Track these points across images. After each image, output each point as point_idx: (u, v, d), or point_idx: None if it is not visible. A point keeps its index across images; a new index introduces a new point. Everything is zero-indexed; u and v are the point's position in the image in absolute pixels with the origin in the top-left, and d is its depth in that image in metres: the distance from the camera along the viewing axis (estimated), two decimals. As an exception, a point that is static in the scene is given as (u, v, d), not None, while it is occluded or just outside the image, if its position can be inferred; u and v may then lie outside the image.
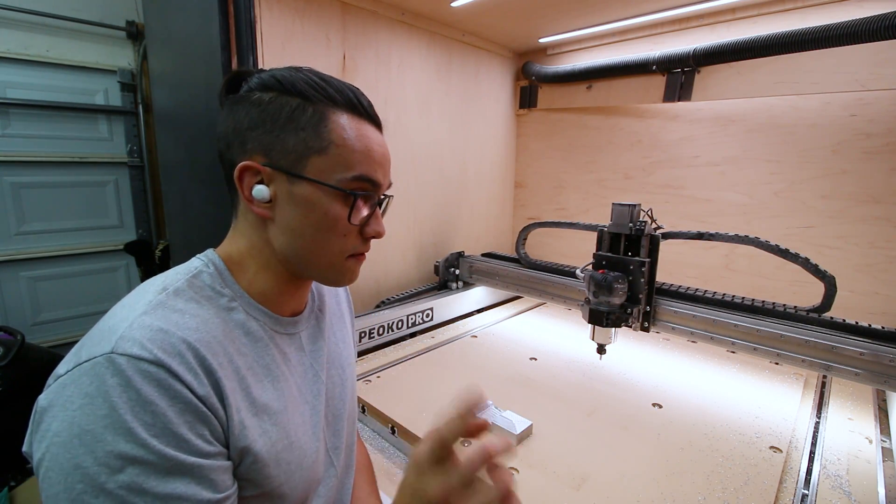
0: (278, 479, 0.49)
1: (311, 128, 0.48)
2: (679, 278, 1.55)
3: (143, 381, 0.38)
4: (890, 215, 1.26)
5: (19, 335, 1.23)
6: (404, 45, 1.55)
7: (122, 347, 0.39)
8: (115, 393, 0.38)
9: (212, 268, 0.51)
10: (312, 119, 0.48)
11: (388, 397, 1.06)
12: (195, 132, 1.36)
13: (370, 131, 0.51)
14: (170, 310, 0.44)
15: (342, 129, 0.49)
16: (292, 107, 0.48)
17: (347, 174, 0.49)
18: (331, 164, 0.49)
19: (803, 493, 0.79)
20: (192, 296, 0.47)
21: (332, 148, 0.48)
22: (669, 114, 1.62)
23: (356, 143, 0.49)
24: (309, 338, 0.60)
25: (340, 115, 0.49)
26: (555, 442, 0.91)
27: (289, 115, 0.48)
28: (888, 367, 0.91)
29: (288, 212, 0.50)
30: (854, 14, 1.09)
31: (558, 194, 2.01)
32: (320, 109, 0.48)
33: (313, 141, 0.48)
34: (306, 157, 0.48)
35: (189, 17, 1.25)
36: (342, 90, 0.50)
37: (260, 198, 0.49)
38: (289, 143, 0.48)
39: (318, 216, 0.49)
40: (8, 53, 1.96)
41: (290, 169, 0.49)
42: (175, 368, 0.40)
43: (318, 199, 0.49)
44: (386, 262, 1.64)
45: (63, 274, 2.23)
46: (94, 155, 2.25)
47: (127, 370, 0.38)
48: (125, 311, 0.44)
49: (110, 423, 0.37)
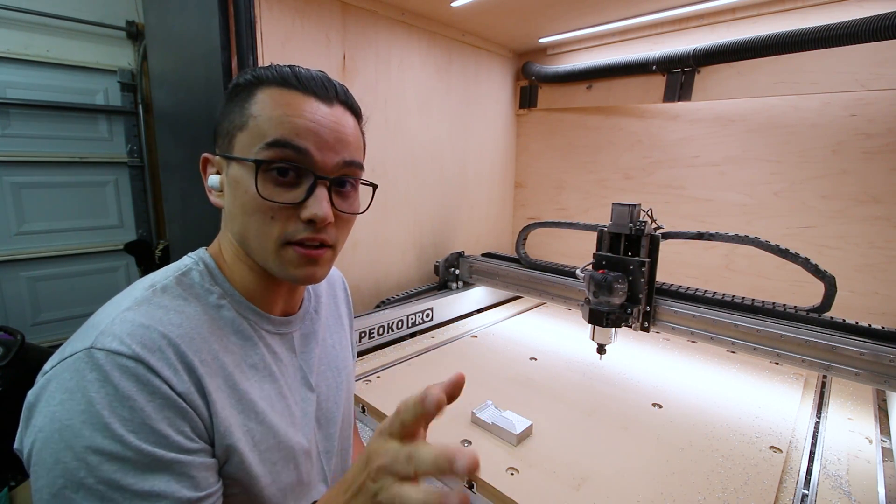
0: (264, 480, 0.49)
1: (238, 108, 0.48)
2: (679, 278, 1.55)
3: (121, 377, 0.38)
4: (890, 215, 1.26)
5: (19, 335, 1.23)
6: (404, 45, 1.55)
7: (101, 342, 0.39)
8: (94, 388, 0.37)
9: (202, 265, 0.51)
10: (240, 99, 0.48)
11: (388, 397, 1.06)
12: (195, 132, 1.36)
13: (299, 99, 0.47)
14: (154, 306, 0.44)
15: (263, 101, 0.47)
16: (233, 94, 0.49)
17: (262, 143, 0.45)
18: (250, 138, 0.46)
19: (803, 493, 0.79)
20: (179, 293, 0.47)
21: (251, 121, 0.46)
22: (669, 114, 1.62)
23: (272, 110, 0.46)
24: (302, 339, 0.59)
25: (268, 89, 0.47)
26: (555, 442, 0.91)
27: (228, 102, 0.49)
28: (888, 367, 0.91)
29: (227, 196, 0.49)
30: (854, 14, 1.09)
31: (558, 194, 2.01)
32: (250, 88, 0.48)
33: (238, 119, 0.48)
34: (234, 137, 0.48)
35: (189, 17, 1.25)
36: (280, 69, 0.48)
37: (213, 186, 0.50)
38: (223, 128, 0.49)
39: (241, 194, 0.47)
40: (8, 53, 1.96)
41: (224, 151, 0.49)
42: (154, 364, 0.40)
43: (240, 177, 0.47)
44: (386, 262, 1.64)
45: (63, 274, 2.23)
46: (94, 155, 2.25)
47: (105, 365, 0.38)
48: (111, 307, 0.44)
49: (88, 419, 0.37)
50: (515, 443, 0.89)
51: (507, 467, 0.82)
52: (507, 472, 0.81)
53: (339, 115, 0.49)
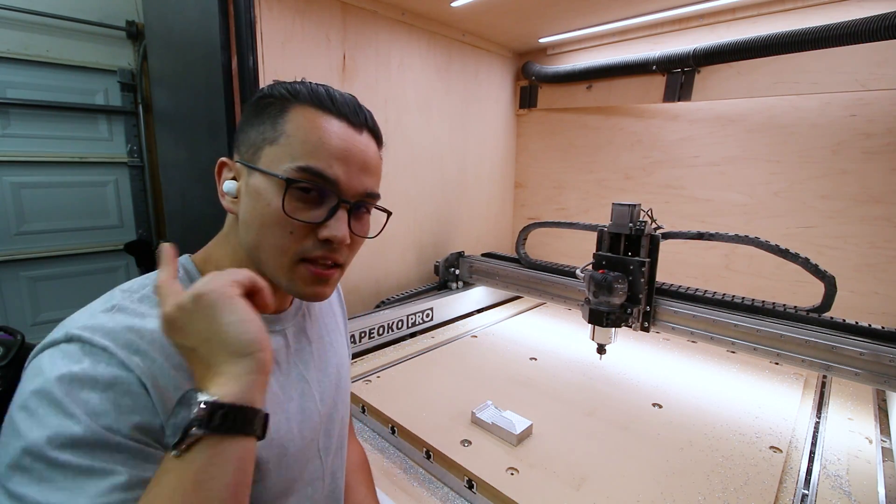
0: (264, 479, 0.49)
1: (269, 121, 0.48)
2: (679, 278, 1.55)
3: (84, 362, 0.39)
4: (890, 215, 1.26)
5: (19, 335, 1.23)
6: (404, 45, 1.55)
7: (71, 334, 0.41)
8: (56, 371, 0.38)
9: (182, 273, 0.50)
10: (273, 112, 0.48)
11: (387, 397, 1.06)
12: (195, 132, 1.36)
13: (333, 125, 0.48)
14: (131, 314, 0.44)
15: (297, 120, 0.47)
16: (263, 105, 0.49)
17: (293, 164, 0.46)
18: (279, 154, 0.47)
19: (803, 493, 0.79)
20: (157, 301, 0.44)
21: (283, 138, 0.47)
22: (669, 114, 1.62)
23: (308, 133, 0.47)
24: (295, 336, 0.59)
25: (301, 108, 0.48)
26: (555, 442, 0.91)
27: (257, 112, 0.50)
28: (888, 367, 0.91)
29: (244, 204, 0.49)
30: (854, 14, 1.09)
31: (558, 194, 2.01)
32: (284, 104, 0.48)
33: (269, 132, 0.48)
34: (261, 149, 0.48)
35: (189, 17, 1.25)
36: (315, 89, 0.49)
37: (228, 191, 0.51)
38: (251, 137, 0.50)
39: (262, 207, 0.47)
40: (8, 53, 1.96)
41: (247, 161, 0.49)
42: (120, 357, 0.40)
43: (264, 189, 0.47)
44: (386, 262, 1.64)
45: (63, 274, 2.23)
46: (94, 155, 2.25)
47: (72, 352, 0.40)
48: (88, 311, 0.45)
49: (44, 398, 0.37)
50: (515, 443, 0.89)
51: (507, 467, 0.82)
52: (507, 472, 0.81)
53: (366, 142, 0.51)
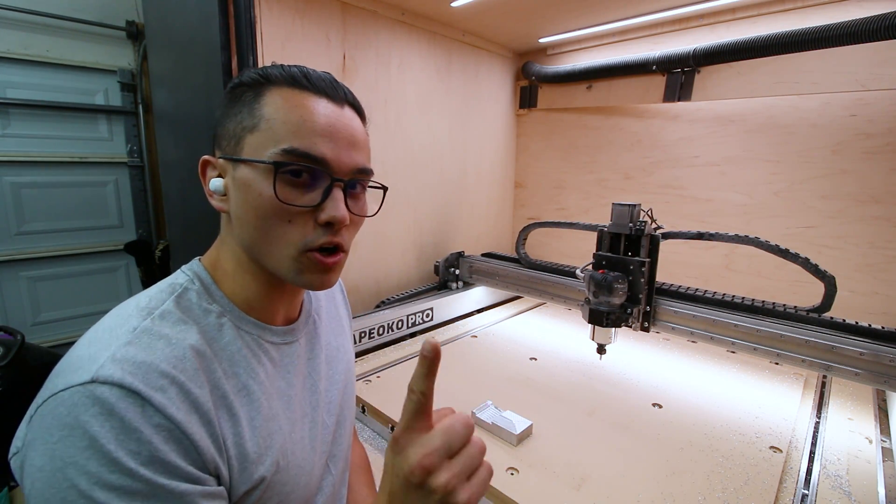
0: (274, 500, 0.48)
1: (246, 108, 0.46)
2: (679, 278, 1.55)
3: (126, 409, 0.36)
4: (890, 215, 1.26)
5: (19, 335, 1.23)
6: (404, 45, 1.55)
7: (102, 376, 0.37)
8: (97, 423, 0.35)
9: (197, 283, 0.48)
10: (248, 98, 0.47)
11: (388, 397, 1.06)
12: (195, 132, 1.36)
13: (312, 101, 0.46)
14: (155, 337, 0.42)
15: (275, 102, 0.45)
16: (237, 93, 0.48)
17: (277, 147, 0.44)
18: (262, 140, 0.45)
19: (803, 493, 0.79)
20: (179, 317, 0.45)
21: (263, 123, 0.45)
22: (669, 114, 1.62)
23: (288, 113, 0.45)
24: (307, 345, 0.58)
25: (277, 89, 0.46)
26: (555, 442, 0.91)
27: (231, 102, 0.48)
28: (888, 367, 0.91)
29: (234, 200, 0.47)
30: (854, 14, 1.09)
31: (558, 194, 2.01)
32: (258, 88, 0.46)
33: (247, 120, 0.46)
34: (242, 139, 0.46)
35: (189, 17, 1.25)
36: (288, 69, 0.47)
37: (215, 190, 0.48)
38: (229, 129, 0.48)
39: (254, 198, 0.45)
40: (8, 53, 1.96)
41: (230, 154, 0.47)
42: (157, 401, 0.38)
43: (252, 179, 0.45)
44: (386, 262, 1.64)
45: (63, 274, 2.23)
46: (94, 155, 2.25)
47: (109, 398, 0.36)
48: (107, 336, 0.41)
49: (93, 454, 0.35)
50: (515, 443, 0.89)
51: (507, 467, 0.82)
52: (507, 472, 0.81)
53: (350, 116, 0.48)
